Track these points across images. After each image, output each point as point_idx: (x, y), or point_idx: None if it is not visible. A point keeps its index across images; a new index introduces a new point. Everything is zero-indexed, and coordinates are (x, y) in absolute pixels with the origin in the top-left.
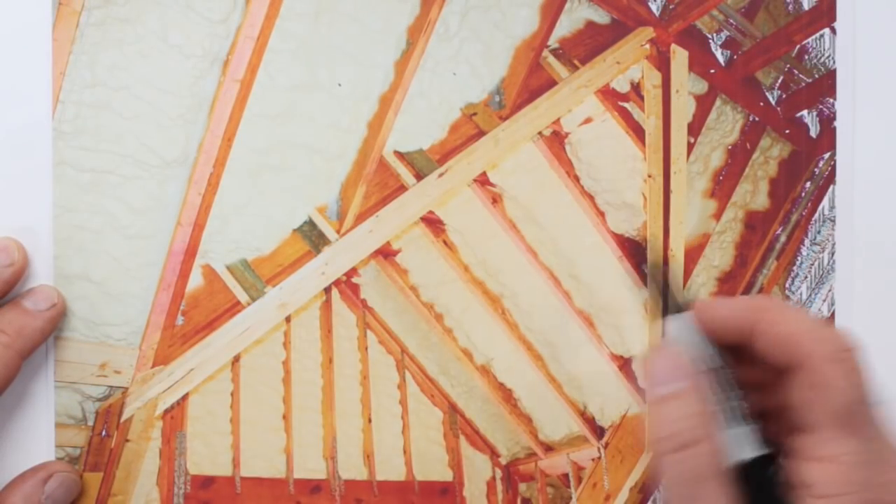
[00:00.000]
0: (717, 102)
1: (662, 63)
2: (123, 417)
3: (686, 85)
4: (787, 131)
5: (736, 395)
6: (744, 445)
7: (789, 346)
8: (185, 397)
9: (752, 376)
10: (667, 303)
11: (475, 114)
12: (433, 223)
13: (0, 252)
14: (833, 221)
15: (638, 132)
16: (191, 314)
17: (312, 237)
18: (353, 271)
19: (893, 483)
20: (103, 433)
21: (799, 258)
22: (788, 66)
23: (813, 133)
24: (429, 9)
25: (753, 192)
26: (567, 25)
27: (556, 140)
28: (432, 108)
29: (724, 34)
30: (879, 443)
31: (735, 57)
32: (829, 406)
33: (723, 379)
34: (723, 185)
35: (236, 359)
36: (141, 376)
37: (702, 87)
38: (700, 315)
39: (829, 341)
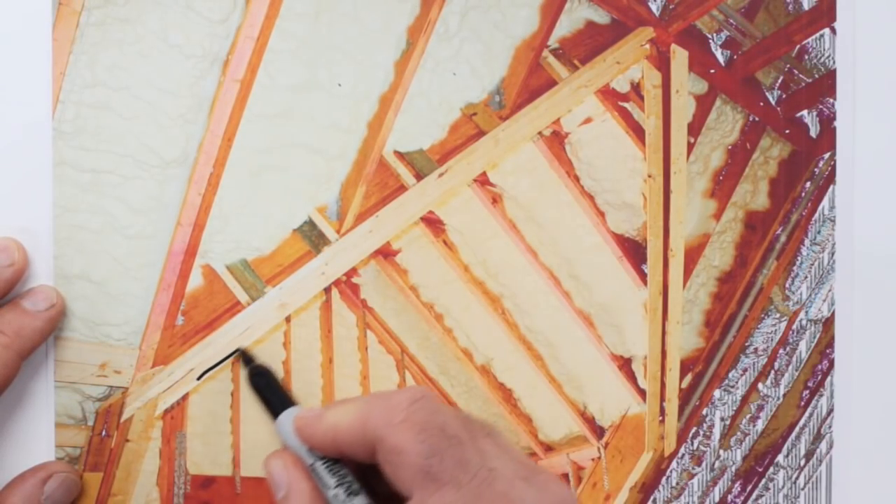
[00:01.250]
0: (717, 102)
1: (662, 63)
2: (123, 417)
3: (686, 85)
4: (787, 131)
5: (344, 476)
6: None
7: (364, 433)
8: (185, 397)
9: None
10: (273, 405)
11: (475, 114)
12: (433, 223)
13: (0, 252)
14: (833, 221)
15: (638, 132)
16: (191, 314)
17: (312, 237)
18: (353, 271)
19: None
20: (103, 433)
21: (799, 258)
22: (788, 66)
23: (813, 133)
24: (429, 9)
25: (753, 192)
26: (567, 25)
27: (556, 140)
28: (432, 108)
29: (724, 34)
30: (473, 482)
31: (735, 57)
32: (410, 470)
33: (327, 468)
34: (723, 185)
35: (236, 359)
36: (141, 376)
37: (702, 87)
38: (303, 434)
39: (391, 408)
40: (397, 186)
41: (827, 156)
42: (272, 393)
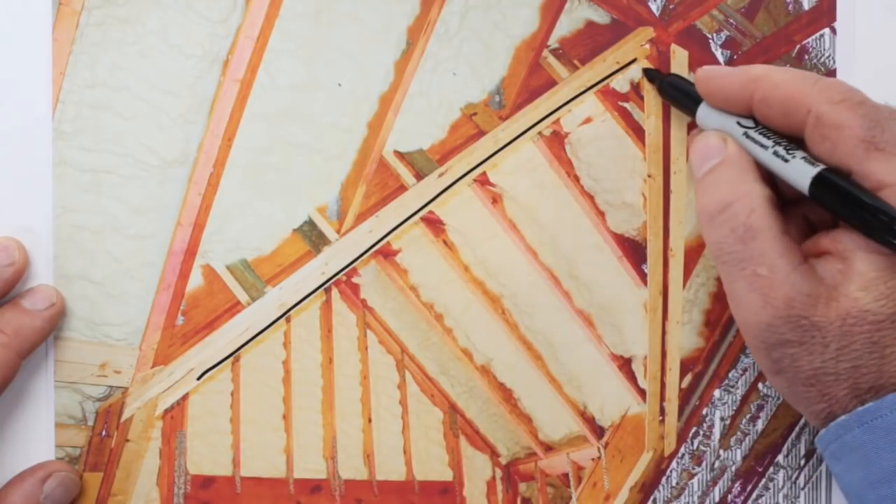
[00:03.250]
0: None
1: (662, 63)
2: (123, 417)
3: None
4: None
5: (777, 139)
6: (804, 167)
7: (791, 105)
8: (185, 397)
9: None
10: (683, 96)
11: (475, 114)
12: (433, 223)
13: (1, 252)
14: None
15: (638, 132)
16: (191, 314)
17: (312, 237)
18: (353, 271)
19: None
20: (103, 433)
21: None
22: (789, 66)
23: None
24: (429, 9)
25: None
26: (567, 25)
27: (556, 140)
28: (432, 108)
29: (724, 34)
30: None
31: (735, 57)
32: (851, 142)
33: (759, 133)
34: None
35: (236, 359)
36: (141, 376)
37: None
38: (704, 90)
39: (826, 89)
40: (397, 186)
41: None
42: (685, 91)
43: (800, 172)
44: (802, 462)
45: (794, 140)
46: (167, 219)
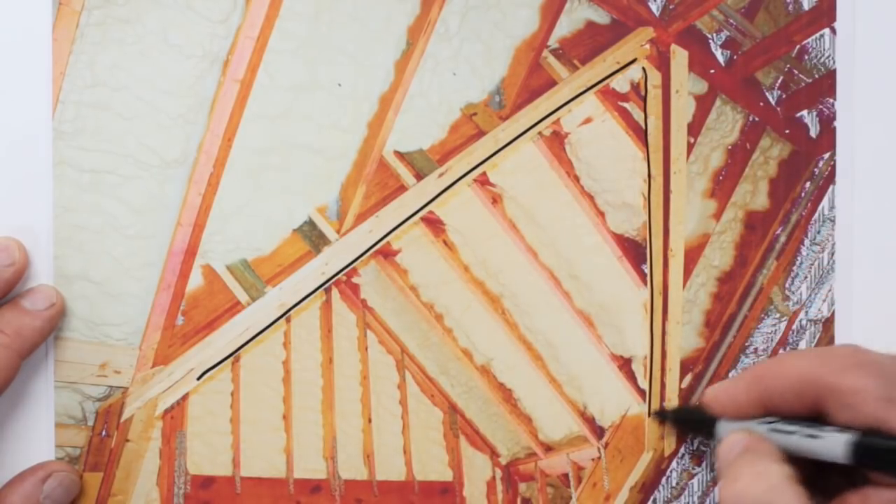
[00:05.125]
0: (717, 102)
1: (662, 63)
2: (123, 417)
3: (686, 85)
4: (787, 131)
5: (800, 423)
6: (838, 437)
7: (802, 387)
8: (185, 397)
9: None
10: (699, 424)
11: (475, 114)
12: (433, 223)
13: (1, 252)
14: (833, 221)
15: (638, 132)
16: (191, 314)
17: (312, 237)
18: (353, 271)
19: None
20: (103, 433)
21: (799, 258)
22: (788, 66)
23: (813, 133)
24: (429, 9)
25: (753, 192)
26: (567, 25)
27: (556, 140)
28: (432, 108)
29: (724, 34)
30: None
31: (735, 57)
32: (871, 404)
33: (783, 423)
34: (723, 185)
35: (236, 359)
36: (141, 376)
37: (702, 87)
38: (716, 407)
39: (831, 359)
40: (397, 186)
41: (827, 156)
42: (698, 418)
43: (835, 443)
44: None
45: (815, 420)
46: (167, 219)
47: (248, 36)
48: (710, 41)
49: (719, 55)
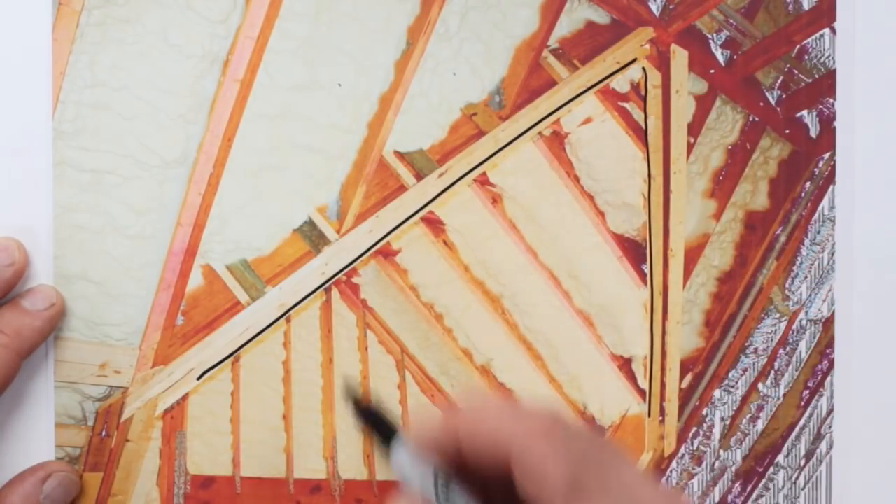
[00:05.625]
0: (717, 102)
1: (662, 63)
2: (123, 417)
3: (686, 85)
4: (787, 131)
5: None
6: None
7: (494, 442)
8: (185, 397)
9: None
10: (381, 435)
11: (475, 114)
12: (433, 223)
13: (1, 252)
14: (833, 221)
15: (638, 132)
16: (191, 314)
17: (312, 237)
18: (353, 271)
19: None
20: (103, 433)
21: (799, 258)
22: (788, 66)
23: (813, 133)
24: (429, 9)
25: (753, 192)
26: (567, 25)
27: (556, 140)
28: (432, 108)
29: (724, 34)
30: (623, 494)
31: (735, 57)
32: (554, 489)
33: (454, 493)
34: (723, 185)
35: (236, 359)
36: (141, 376)
37: (702, 87)
38: (414, 442)
39: (529, 425)
40: (397, 186)
41: (827, 156)
42: (381, 427)
43: None
44: (802, 462)
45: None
46: (167, 219)
47: (248, 36)
48: (710, 41)
49: (719, 55)
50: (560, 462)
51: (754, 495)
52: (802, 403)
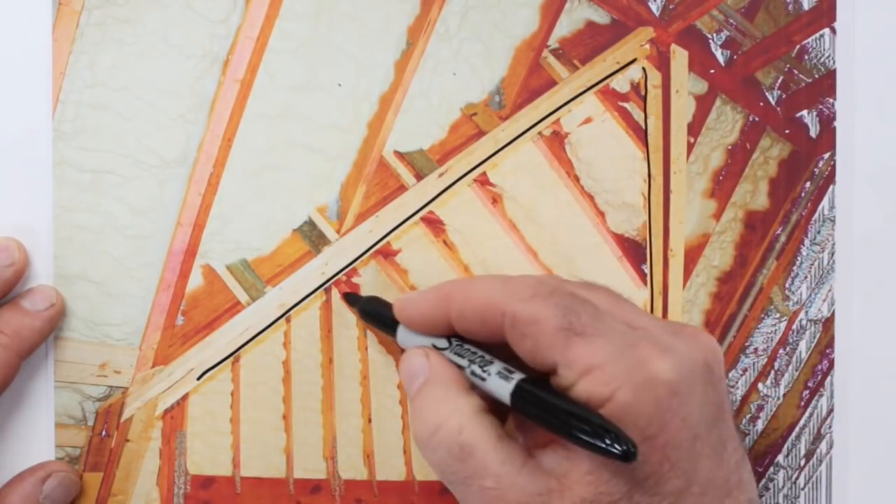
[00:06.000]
0: (717, 102)
1: (662, 63)
2: (123, 417)
3: (686, 85)
4: (787, 131)
5: (472, 356)
6: (500, 383)
7: (486, 314)
8: (185, 397)
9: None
10: (381, 321)
11: (475, 114)
12: (433, 223)
13: (1, 252)
14: (833, 221)
15: (638, 132)
16: (191, 314)
17: (312, 237)
18: (353, 271)
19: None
20: (103, 433)
21: (799, 258)
22: (788, 66)
23: (813, 133)
24: (429, 9)
25: (753, 192)
26: (567, 25)
27: (556, 140)
28: (432, 108)
29: (724, 34)
30: (618, 331)
31: (735, 57)
32: (549, 334)
33: (453, 353)
34: (723, 185)
35: (236, 359)
36: (141, 376)
37: (702, 87)
38: (402, 318)
39: (515, 288)
40: (397, 186)
41: (827, 156)
42: (383, 316)
43: (499, 388)
44: (802, 462)
45: (501, 348)
46: (167, 219)
47: (248, 36)
48: (710, 41)
49: (719, 55)
50: (550, 313)
51: None
52: (802, 403)
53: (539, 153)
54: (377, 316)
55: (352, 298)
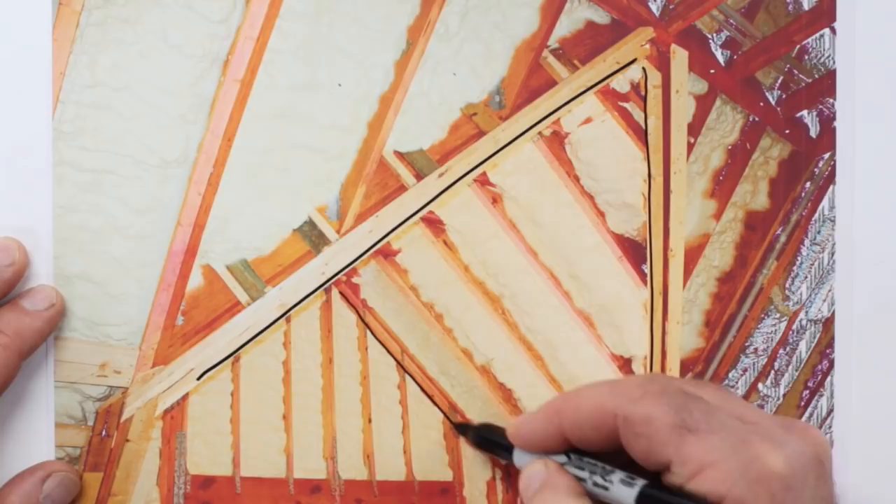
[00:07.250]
0: (717, 102)
1: (662, 63)
2: (123, 417)
3: (686, 85)
4: (787, 131)
5: (593, 467)
6: (624, 490)
7: (598, 420)
8: (185, 397)
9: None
10: (497, 447)
11: (475, 114)
12: (433, 223)
13: (1, 252)
14: (833, 221)
15: (638, 132)
16: (191, 314)
17: (312, 237)
18: (353, 271)
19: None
20: (103, 433)
21: (799, 258)
22: (788, 66)
23: (813, 133)
24: (429, 9)
25: (753, 192)
26: (567, 25)
27: (556, 140)
28: (432, 108)
29: (724, 34)
30: (731, 428)
31: (735, 57)
32: (663, 432)
33: (574, 468)
34: (723, 185)
35: (236, 359)
36: (141, 376)
37: (702, 87)
38: (516, 441)
39: (624, 390)
40: (397, 186)
41: (827, 156)
42: (498, 441)
43: (623, 495)
44: None
45: (617, 454)
46: (167, 219)
47: (248, 36)
48: (710, 41)
49: (719, 55)
50: (663, 412)
51: None
52: (802, 403)
53: (539, 153)
54: (492, 442)
55: (463, 428)
